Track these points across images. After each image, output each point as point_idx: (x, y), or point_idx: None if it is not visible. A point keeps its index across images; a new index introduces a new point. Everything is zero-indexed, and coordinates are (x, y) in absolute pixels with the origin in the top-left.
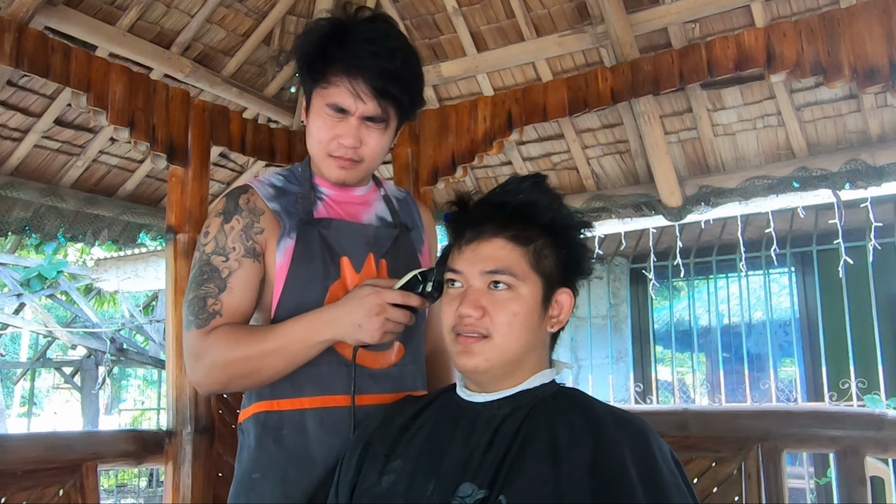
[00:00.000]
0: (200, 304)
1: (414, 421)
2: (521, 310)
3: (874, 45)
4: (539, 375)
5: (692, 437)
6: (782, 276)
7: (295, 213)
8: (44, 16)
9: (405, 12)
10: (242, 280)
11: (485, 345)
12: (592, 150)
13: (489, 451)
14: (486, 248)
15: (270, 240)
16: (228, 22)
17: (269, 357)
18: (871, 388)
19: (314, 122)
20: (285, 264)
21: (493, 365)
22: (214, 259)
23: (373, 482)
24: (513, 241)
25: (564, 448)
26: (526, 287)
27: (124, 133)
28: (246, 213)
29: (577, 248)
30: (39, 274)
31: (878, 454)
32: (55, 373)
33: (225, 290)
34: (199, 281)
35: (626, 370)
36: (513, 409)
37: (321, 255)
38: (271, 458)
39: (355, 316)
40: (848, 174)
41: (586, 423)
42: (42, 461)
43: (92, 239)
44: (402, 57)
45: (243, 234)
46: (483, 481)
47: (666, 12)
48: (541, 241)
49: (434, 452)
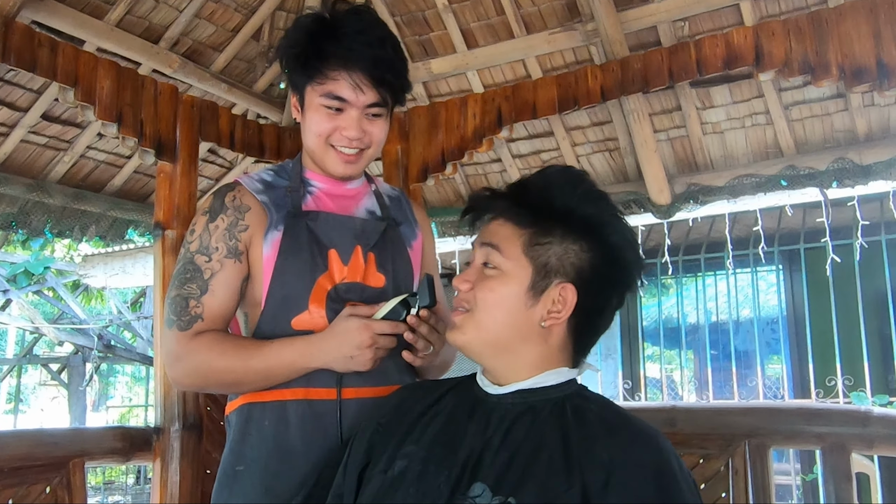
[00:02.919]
0: (182, 304)
1: (431, 407)
2: (499, 288)
3: (862, 45)
4: (555, 373)
5: (680, 434)
6: (770, 274)
7: (283, 206)
8: (31, 10)
9: (395, 9)
10: (224, 282)
11: (465, 318)
12: (582, 147)
13: (501, 450)
14: (492, 225)
15: (257, 233)
16: (217, 17)
17: (253, 374)
18: (857, 385)
19: (312, 118)
20: (272, 256)
21: (470, 340)
22: (198, 258)
23: (384, 466)
24: (512, 221)
25: (577, 461)
26: (510, 267)
27: (112, 128)
28: (231, 211)
29: (606, 250)
30: (26, 270)
31: (863, 451)
32: (42, 369)
33: (207, 292)
34: (182, 280)
35: (615, 367)
36: (526, 407)
37: (308, 247)
38: (254, 449)
39: (345, 349)
40: (835, 173)
41: (603, 436)
42: (28, 458)
43: (79, 235)
44: (391, 44)
45: (227, 234)
46: (495, 483)
47: (655, 10)
48: (542, 226)
49: (448, 442)
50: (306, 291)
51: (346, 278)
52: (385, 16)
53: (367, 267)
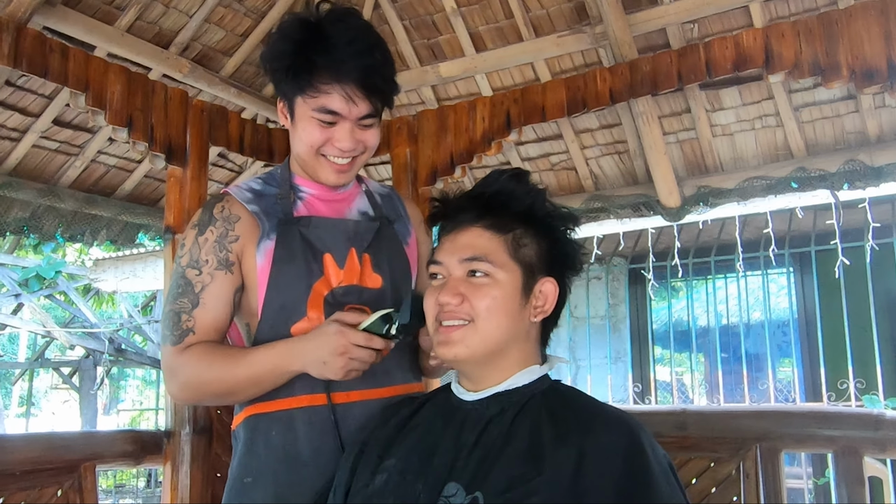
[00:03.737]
0: (175, 319)
1: (410, 420)
2: (499, 294)
3: (872, 46)
4: (528, 371)
5: (691, 438)
6: (780, 277)
7: (274, 214)
8: (42, 16)
9: (404, 12)
10: (215, 294)
11: (466, 331)
12: (591, 150)
13: (475, 450)
14: (463, 237)
15: (249, 244)
16: (227, 22)
17: (243, 382)
18: (870, 388)
19: (303, 128)
20: (266, 266)
21: (474, 352)
22: (188, 272)
23: (366, 481)
24: (490, 230)
25: (548, 449)
26: (503, 274)
27: (123, 133)
28: (220, 222)
29: (563, 240)
30: (38, 274)
31: (876, 454)
32: (53, 373)
33: (198, 305)
34: (174, 294)
35: (625, 370)
36: (501, 408)
37: (303, 253)
38: (261, 460)
39: (321, 352)
40: (846, 175)
41: (575, 425)
42: (40, 462)
43: (90, 239)
44: (380, 51)
45: (217, 245)
46: (467, 481)
47: (664, 13)
48: (519, 229)
49: (425, 452)
50: (303, 298)
51: (343, 281)
52: (394, 19)
53: (362, 269)
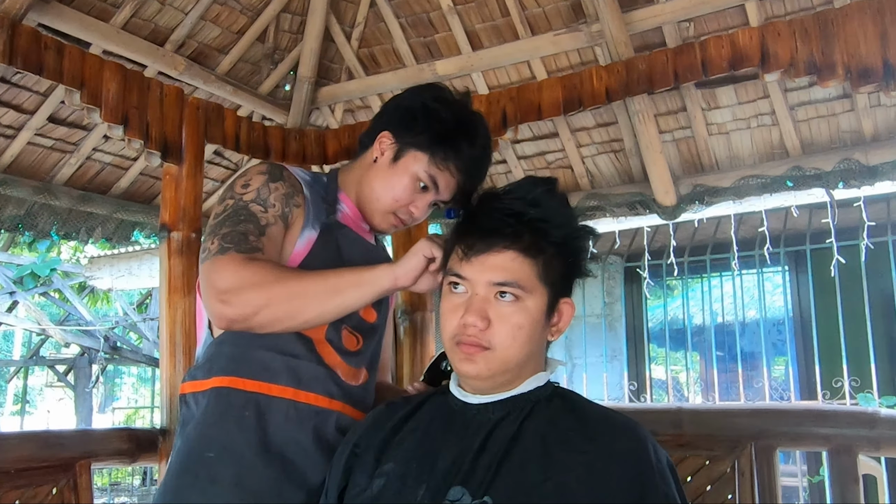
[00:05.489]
0: (240, 237)
1: (405, 423)
2: (525, 322)
3: (868, 45)
4: (534, 378)
5: (686, 436)
6: (776, 275)
7: (318, 210)
8: (37, 13)
9: (400, 10)
10: (275, 236)
11: (487, 355)
12: (587, 148)
13: (482, 454)
14: (496, 259)
15: (298, 220)
16: (223, 19)
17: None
18: (864, 386)
19: (399, 179)
20: (303, 252)
21: (495, 374)
22: (253, 206)
23: (363, 486)
24: (524, 254)
25: (557, 454)
26: (532, 299)
27: (118, 131)
28: (288, 184)
29: (585, 259)
30: (33, 272)
31: (870, 452)
32: (48, 371)
33: (264, 234)
34: (235, 220)
35: (621, 369)
36: (507, 412)
37: (333, 260)
38: (229, 437)
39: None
40: (841, 173)
41: (583, 430)
42: (35, 459)
43: (85, 237)
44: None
45: (284, 199)
46: (474, 486)
47: (660, 11)
48: (550, 252)
49: (426, 455)
50: None
51: None
52: (390, 17)
53: None
